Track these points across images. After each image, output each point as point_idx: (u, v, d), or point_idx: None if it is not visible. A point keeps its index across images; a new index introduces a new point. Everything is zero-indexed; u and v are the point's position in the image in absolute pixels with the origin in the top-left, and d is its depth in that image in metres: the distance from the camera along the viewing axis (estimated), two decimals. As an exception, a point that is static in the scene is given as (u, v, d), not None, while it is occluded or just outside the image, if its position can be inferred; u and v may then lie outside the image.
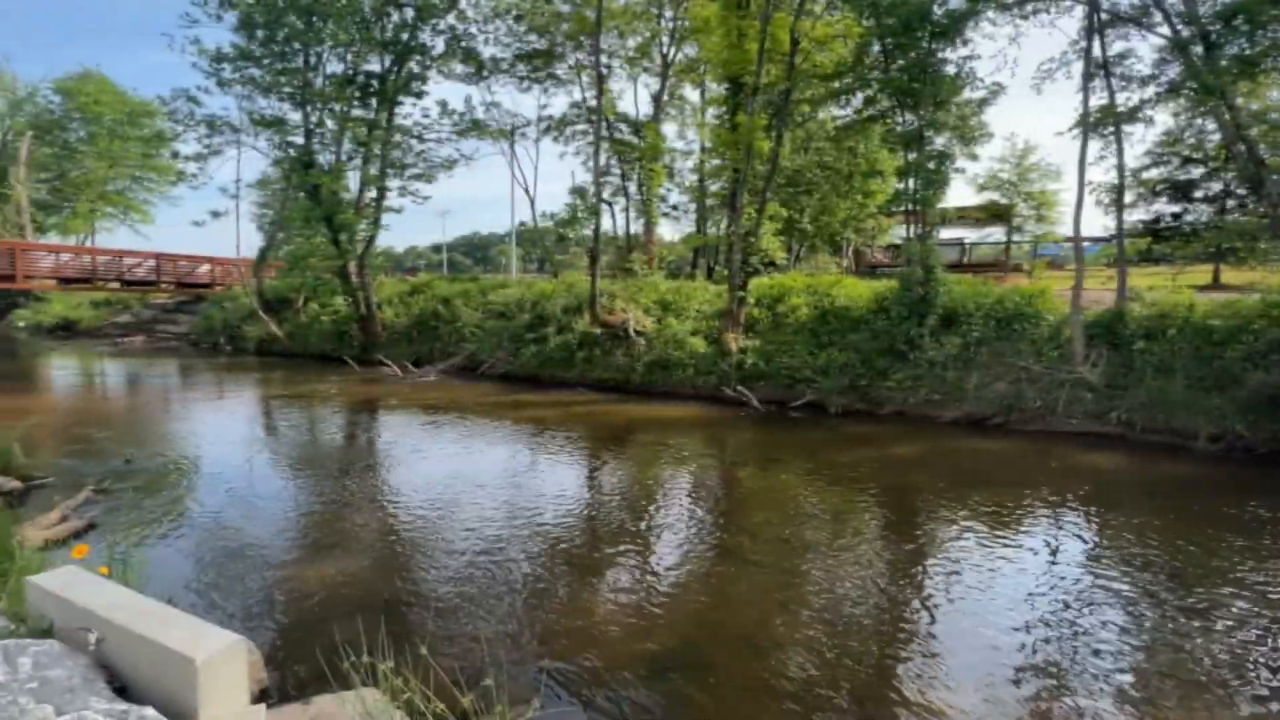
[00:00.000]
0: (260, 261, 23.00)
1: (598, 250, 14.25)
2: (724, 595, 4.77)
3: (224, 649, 2.03)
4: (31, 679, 1.90)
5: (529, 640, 4.03)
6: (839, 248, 22.37)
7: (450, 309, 17.85)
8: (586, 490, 7.52)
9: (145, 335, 25.39)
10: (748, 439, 10.22)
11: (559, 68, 22.06)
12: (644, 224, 22.14)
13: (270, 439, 10.20)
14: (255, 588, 4.80)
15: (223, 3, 16.97)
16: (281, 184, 23.17)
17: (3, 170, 31.99)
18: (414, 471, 8.02)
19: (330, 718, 3.00)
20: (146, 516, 6.15)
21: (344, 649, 2.82)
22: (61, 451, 8.50)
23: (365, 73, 18.08)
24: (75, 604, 2.26)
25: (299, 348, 19.86)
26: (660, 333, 13.88)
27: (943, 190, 11.71)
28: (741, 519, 6.51)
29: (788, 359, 12.40)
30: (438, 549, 5.52)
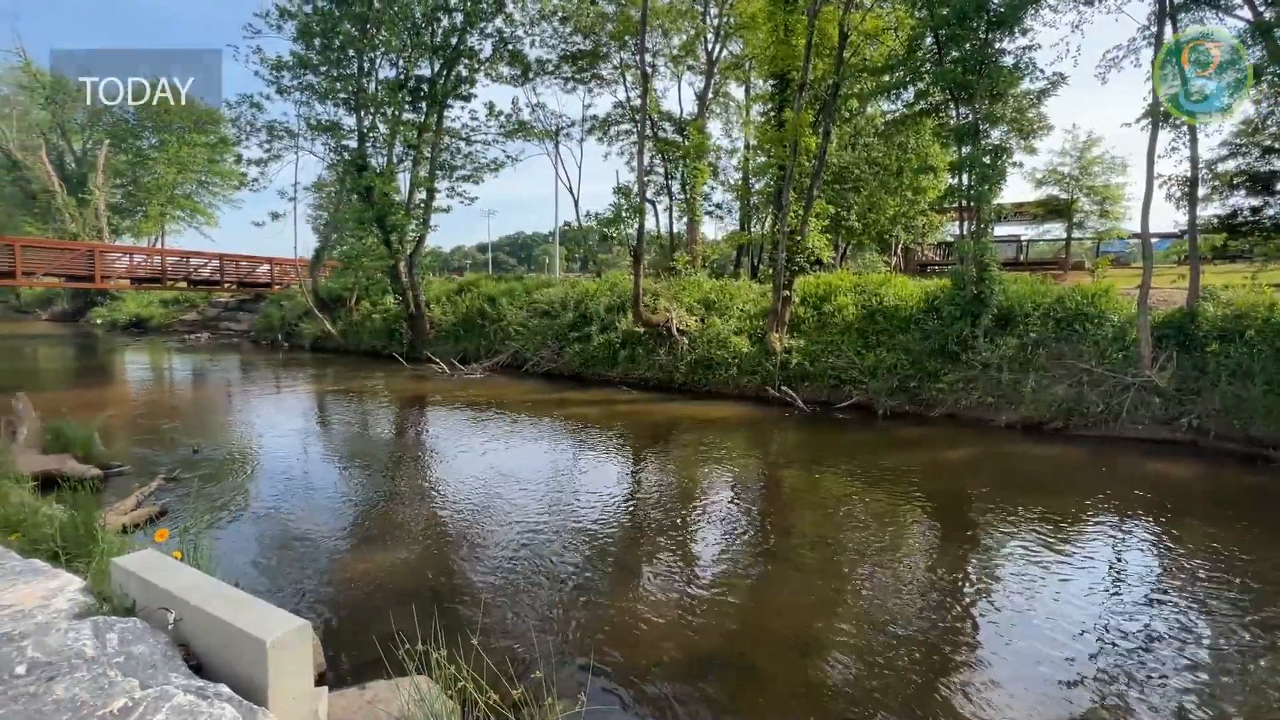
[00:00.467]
0: (316, 262, 23.91)
1: (641, 249, 14.25)
2: (766, 597, 4.71)
3: (291, 632, 2.11)
4: (118, 654, 2.02)
5: (573, 635, 4.06)
6: (887, 246, 21.77)
7: (496, 308, 18.18)
8: (628, 488, 7.53)
9: (210, 332, 26.75)
10: (792, 440, 10.05)
11: (603, 68, 22.18)
12: (687, 223, 22.07)
13: (324, 432, 10.59)
14: (311, 574, 4.98)
15: (283, 13, 17.69)
16: (335, 187, 24.05)
17: (83, 177, 34.19)
18: (459, 466, 8.18)
19: (386, 703, 3.08)
20: (212, 504, 6.46)
21: (399, 636, 2.90)
22: (135, 441, 9.01)
23: (416, 77, 18.58)
24: (156, 585, 2.39)
25: (351, 344, 20.57)
26: (703, 332, 13.80)
27: (999, 186, 11.25)
28: (784, 520, 6.41)
29: (834, 359, 12.16)
30: (483, 542, 5.62)
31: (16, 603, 2.35)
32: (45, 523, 4.32)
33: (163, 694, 1.81)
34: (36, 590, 2.46)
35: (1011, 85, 11.04)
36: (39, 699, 1.76)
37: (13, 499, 4.84)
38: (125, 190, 36.72)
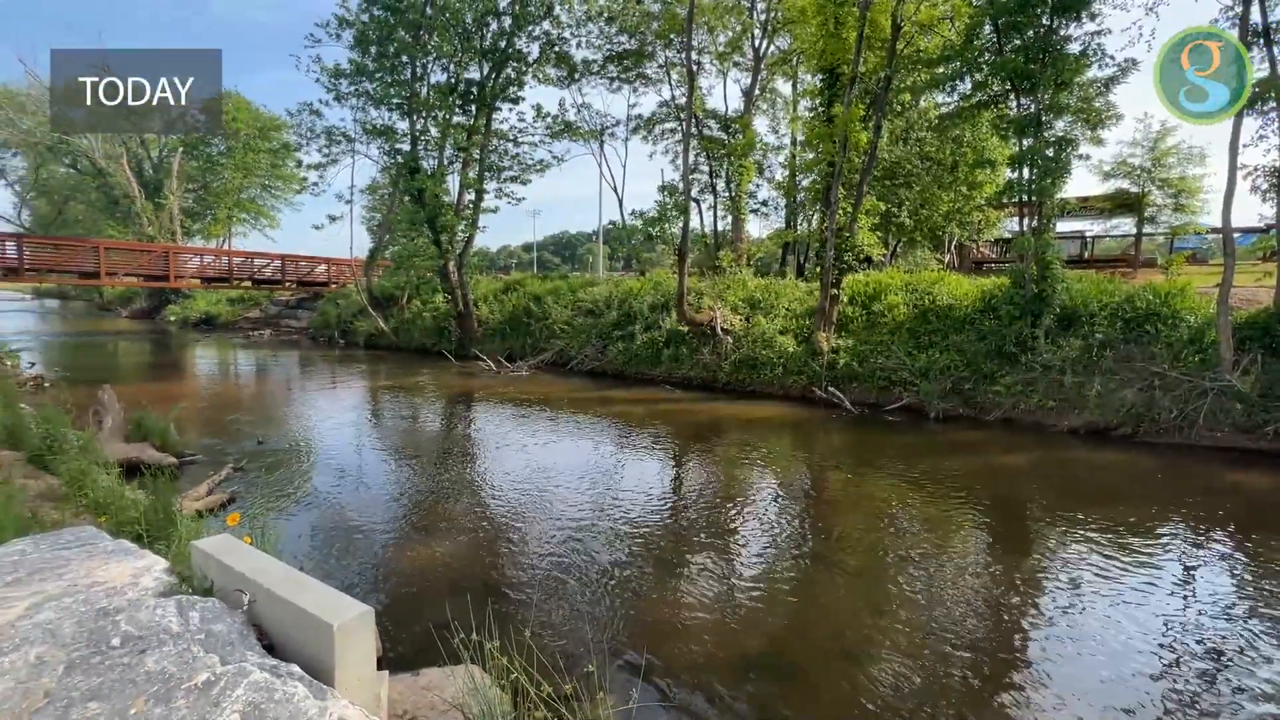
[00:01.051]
0: (370, 261, 24.77)
1: (685, 248, 14.22)
2: (812, 600, 4.63)
3: (356, 617, 2.19)
4: (200, 631, 2.14)
5: (619, 631, 4.09)
6: (940, 243, 21.05)
7: (541, 306, 18.46)
8: (671, 487, 7.53)
9: (271, 329, 28.07)
10: (839, 442, 9.85)
11: (648, 67, 22.22)
12: (732, 221, 21.87)
13: (376, 426, 10.97)
14: (365, 562, 5.18)
15: (342, 23, 18.40)
16: (388, 189, 24.86)
17: (159, 183, 36.35)
18: (505, 462, 8.33)
19: (439, 689, 3.17)
20: (275, 493, 6.79)
21: (454, 626, 2.98)
22: (204, 432, 9.53)
23: (466, 81, 19.03)
24: (231, 567, 2.52)
25: (403, 342, 21.24)
26: (748, 331, 13.67)
27: (1063, 179, 10.72)
28: (831, 524, 6.29)
29: (883, 360, 11.86)
30: (529, 536, 5.72)
31: (109, 580, 2.52)
32: (130, 506, 4.63)
33: (241, 670, 1.91)
34: (126, 569, 2.63)
35: (1078, 73, 10.50)
36: (132, 669, 1.89)
37: (101, 484, 5.20)
38: (196, 195, 38.87)
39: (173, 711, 1.74)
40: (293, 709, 1.78)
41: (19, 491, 4.63)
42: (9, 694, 1.74)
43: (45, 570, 2.61)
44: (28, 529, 3.71)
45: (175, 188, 35.29)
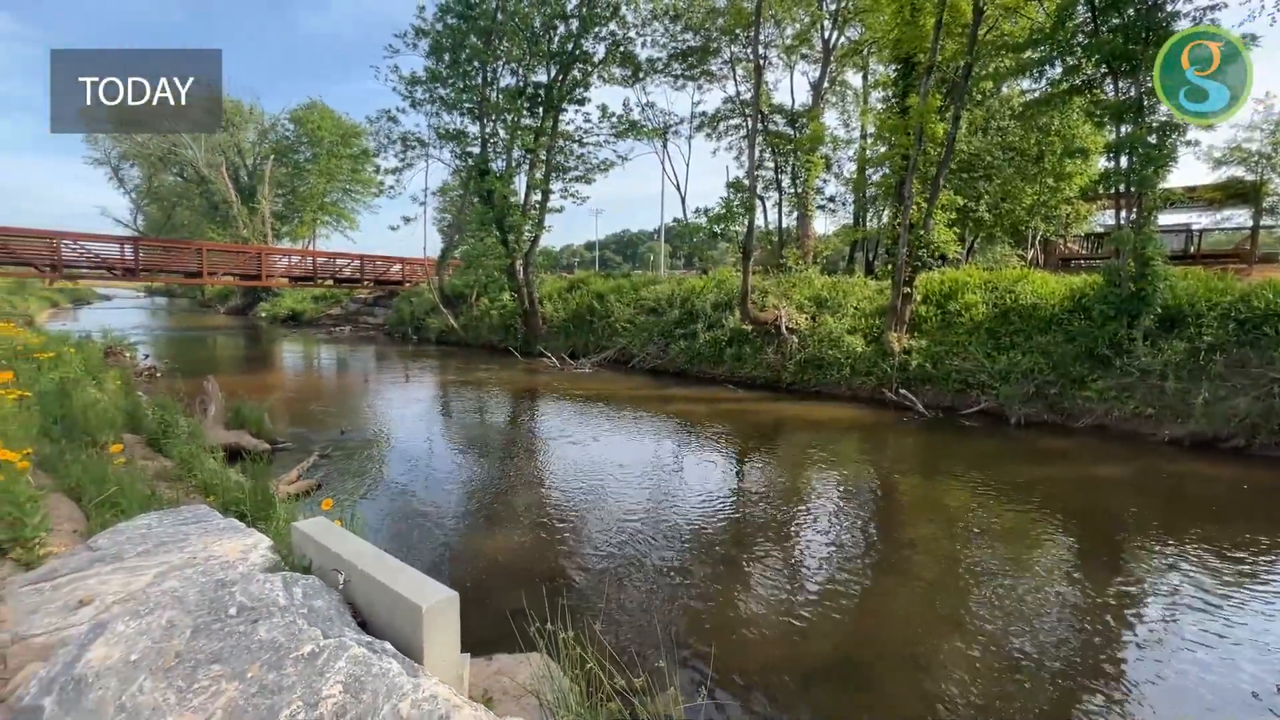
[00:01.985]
0: (441, 261, 25.78)
1: (750, 245, 14.03)
2: (881, 608, 4.49)
3: (443, 600, 2.30)
4: (303, 606, 2.29)
5: (683, 630, 4.09)
6: (1022, 238, 19.84)
7: (604, 305, 18.68)
8: (732, 487, 7.46)
9: (350, 325, 29.68)
10: (910, 446, 9.48)
11: (713, 63, 22.06)
12: (798, 218, 21.41)
13: (446, 419, 11.40)
14: (437, 549, 5.40)
15: (418, 32, 19.20)
16: (459, 190, 25.76)
17: (253, 189, 39.15)
18: (567, 456, 8.48)
19: (511, 674, 3.27)
20: (357, 480, 7.19)
21: (530, 615, 3.06)
22: (292, 421, 10.19)
23: (534, 84, 19.47)
24: (328, 548, 2.69)
25: (471, 338, 21.99)
26: (814, 330, 13.36)
27: (1166, 168, 9.88)
28: (901, 531, 6.06)
29: (960, 361, 11.32)
30: (591, 531, 5.80)
31: (223, 554, 2.75)
32: (233, 488, 5.01)
33: (341, 644, 2.04)
34: (237, 545, 2.86)
35: (1186, 52, 9.64)
36: (247, 637, 2.05)
37: (207, 466, 5.65)
38: (285, 199, 41.58)
39: (284, 678, 1.88)
40: (389, 684, 1.89)
41: (140, 471, 5.10)
42: (148, 652, 1.93)
43: (169, 543, 2.86)
44: (149, 505, 4.09)
45: (267, 193, 37.90)
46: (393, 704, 1.80)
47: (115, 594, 2.40)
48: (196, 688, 1.83)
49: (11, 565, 2.81)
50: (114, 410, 6.39)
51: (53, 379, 6.83)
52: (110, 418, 6.07)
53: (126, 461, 5.03)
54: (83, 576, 2.54)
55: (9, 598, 2.44)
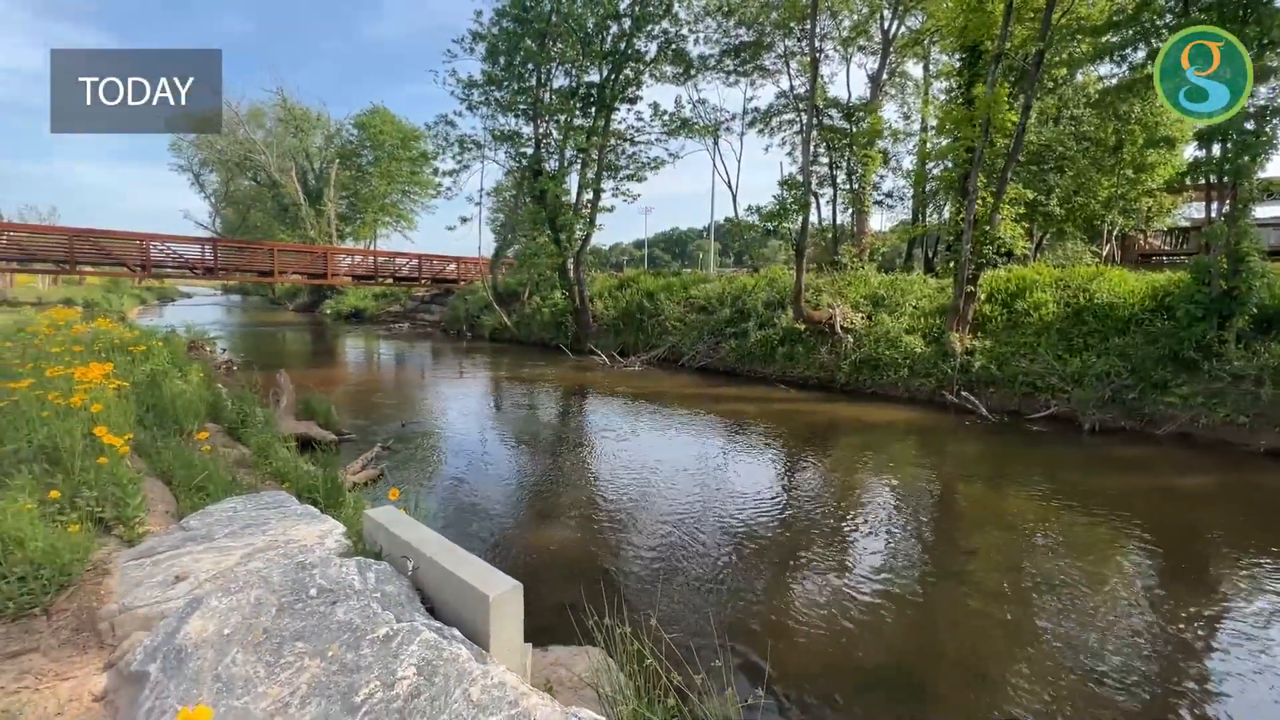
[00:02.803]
0: (495, 260, 26.37)
1: (804, 243, 13.77)
2: (940, 616, 4.33)
3: (508, 590, 2.35)
4: (376, 590, 2.39)
5: (736, 630, 4.05)
6: (1097, 233, 18.72)
7: (654, 303, 18.70)
8: (785, 488, 7.34)
9: (409, 322, 30.72)
10: (973, 451, 9.10)
11: (767, 58, 21.74)
12: (854, 214, 20.87)
13: (499, 414, 11.65)
14: (492, 540, 5.53)
15: (476, 37, 19.67)
16: (512, 191, 26.28)
17: (320, 191, 41.02)
18: (618, 454, 8.52)
19: (567, 666, 3.32)
20: (417, 471, 7.44)
21: (588, 609, 3.10)
22: (355, 413, 10.62)
23: (586, 84, 19.65)
24: (398, 536, 2.79)
25: (523, 335, 22.41)
26: (870, 330, 13.00)
27: (1265, 156, 9.13)
28: (961, 538, 5.83)
29: (1027, 363, 10.79)
30: (641, 529, 5.82)
31: (301, 538, 2.89)
32: (305, 476, 5.27)
33: (413, 629, 2.11)
34: (313, 530, 3.00)
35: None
36: (327, 617, 2.15)
37: (281, 455, 5.96)
38: (349, 201, 43.39)
39: (361, 658, 1.96)
40: (459, 669, 1.94)
41: (222, 458, 5.43)
42: (239, 627, 2.05)
43: (252, 526, 3.04)
44: (231, 490, 4.34)
45: (333, 195, 39.64)
46: (464, 688, 1.86)
47: (207, 572, 2.57)
48: (283, 663, 1.93)
49: (116, 541, 3.04)
50: (198, 401, 6.81)
51: (145, 371, 7.35)
52: (195, 407, 6.48)
53: (210, 449, 5.36)
54: (178, 554, 2.73)
55: (115, 571, 2.64)
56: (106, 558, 2.79)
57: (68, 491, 3.23)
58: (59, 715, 1.87)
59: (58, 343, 7.40)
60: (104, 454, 3.50)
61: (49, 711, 1.87)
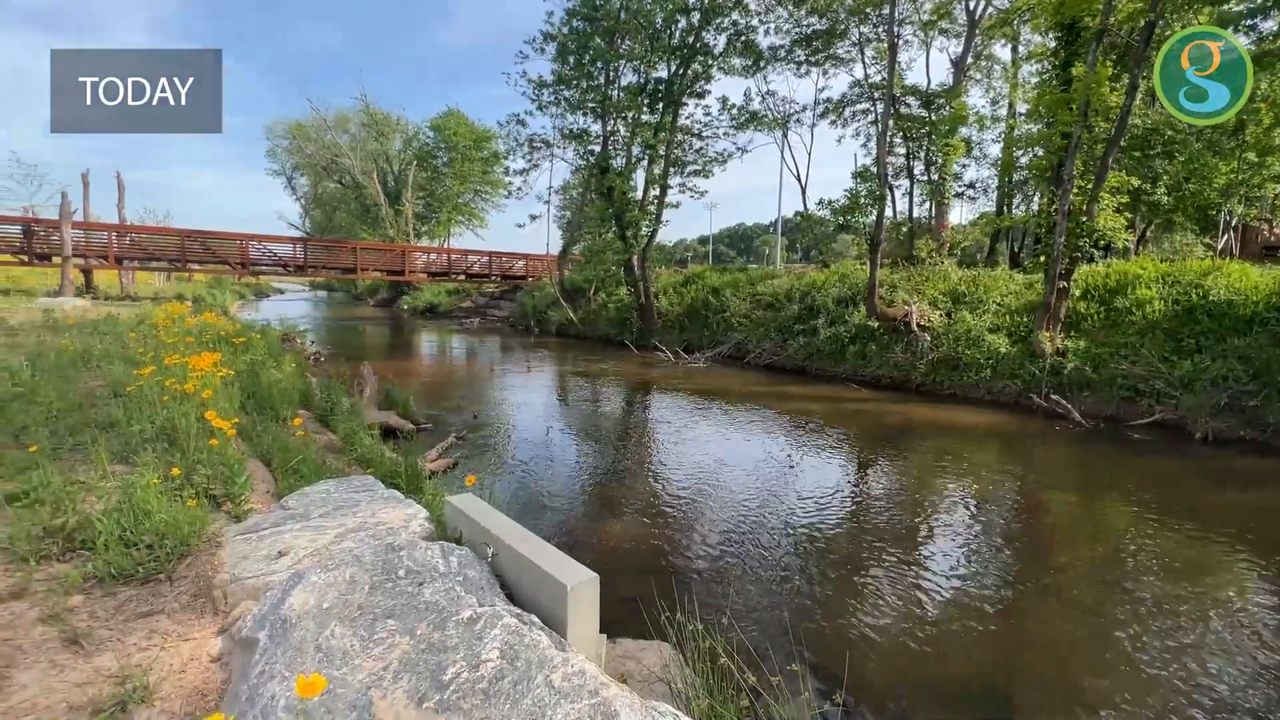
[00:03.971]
0: (562, 257, 26.85)
1: (879, 237, 13.23)
2: (1027, 632, 4.05)
3: (586, 581, 2.37)
4: (458, 574, 2.47)
5: (807, 634, 3.94)
6: (1212, 224, 17.03)
7: (720, 299, 18.51)
8: (856, 491, 7.08)
9: (479, 317, 31.77)
10: (1063, 458, 8.50)
11: (840, 46, 21.02)
12: (933, 206, 19.90)
13: (563, 408, 11.84)
14: (559, 531, 5.61)
15: (546, 37, 20.04)
16: (579, 189, 26.65)
17: (399, 192, 43.02)
18: (682, 451, 8.46)
19: (636, 659, 3.32)
20: (488, 461, 7.67)
21: (660, 604, 3.10)
22: (430, 404, 11.06)
23: (654, 80, 19.65)
24: (478, 523, 2.88)
25: (589, 331, 22.72)
26: (949, 328, 12.36)
27: None
28: (1050, 551, 5.44)
29: (1128, 366, 9.96)
30: (706, 527, 5.75)
31: (389, 521, 3.03)
32: (387, 463, 5.54)
33: (495, 613, 2.17)
34: (399, 514, 3.15)
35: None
36: (414, 598, 2.24)
37: (365, 442, 6.30)
38: (425, 201, 45.33)
39: (447, 638, 2.03)
40: (540, 655, 1.98)
41: (313, 442, 5.79)
42: (336, 602, 2.17)
43: (344, 508, 3.21)
44: (321, 473, 4.62)
45: (410, 196, 41.49)
46: (545, 674, 1.89)
47: (305, 548, 2.73)
48: (376, 638, 2.02)
49: (225, 517, 3.29)
50: (292, 389, 7.30)
51: (245, 361, 7.93)
52: (289, 395, 6.94)
53: (304, 434, 5.72)
54: (279, 531, 2.92)
55: (226, 544, 2.85)
56: (218, 531, 3.02)
57: (184, 469, 3.53)
58: (182, 672, 2.03)
59: (173, 334, 8.11)
60: (214, 436, 3.79)
61: (174, 669, 2.04)
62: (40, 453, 3.54)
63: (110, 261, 20.89)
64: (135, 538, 2.68)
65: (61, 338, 8.59)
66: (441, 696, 1.79)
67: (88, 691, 1.89)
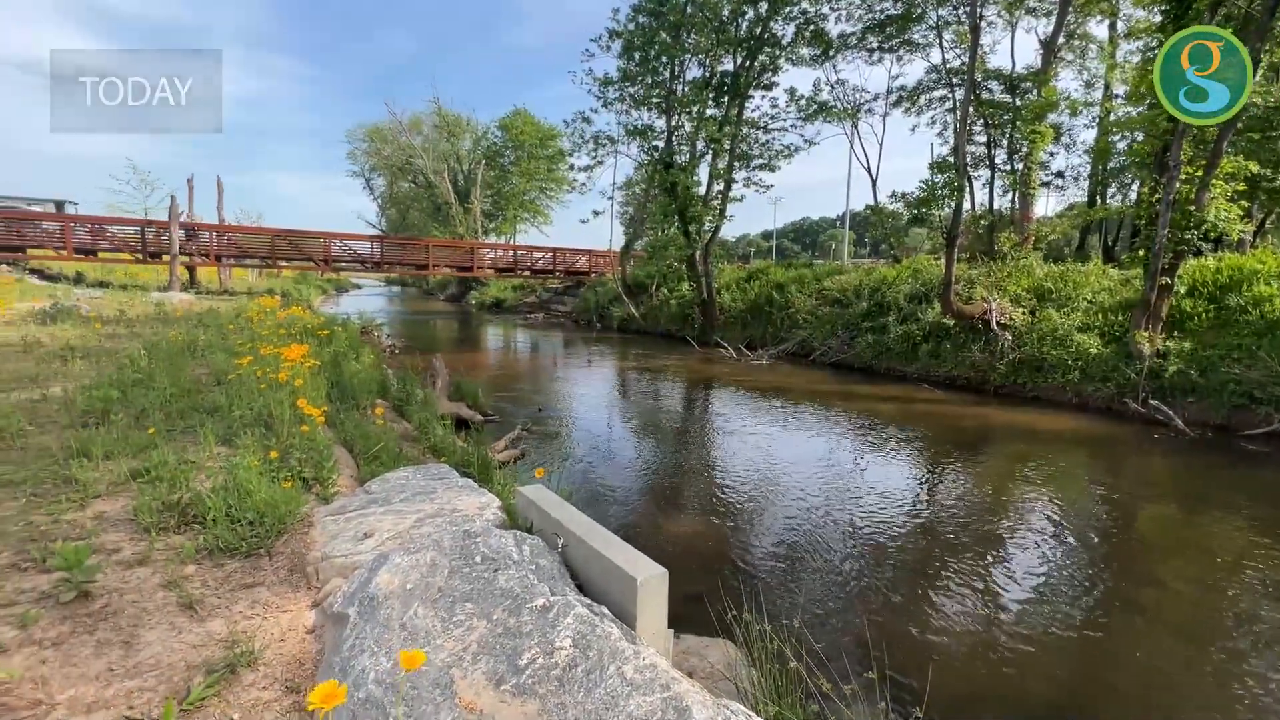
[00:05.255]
0: (624, 252, 27.02)
1: (956, 231, 12.58)
2: (1120, 652, 3.77)
3: (655, 576, 2.38)
4: (531, 562, 2.54)
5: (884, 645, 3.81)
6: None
7: (784, 295, 18.14)
8: (925, 494, 6.78)
9: (543, 312, 32.44)
10: (1163, 469, 7.85)
11: (916, 31, 20.07)
12: (1016, 197, 18.74)
13: (624, 403, 11.92)
14: (622, 525, 5.66)
15: (612, 34, 20.17)
16: (642, 185, 26.71)
17: (468, 191, 44.48)
18: (744, 449, 8.34)
19: (700, 656, 3.31)
20: (551, 453, 7.83)
21: (726, 601, 3.07)
22: (496, 396, 11.39)
23: (720, 73, 19.41)
24: (548, 513, 2.94)
25: (650, 327, 22.79)
26: (1033, 327, 11.64)
27: None
28: (1145, 568, 5.03)
29: (1242, 369, 9.07)
30: (769, 527, 5.66)
31: (464, 509, 3.15)
32: (460, 452, 5.76)
33: (567, 603, 2.21)
34: (473, 502, 3.26)
35: None
36: (490, 583, 2.31)
37: (438, 432, 6.56)
38: (493, 199, 46.67)
39: (522, 624, 2.09)
40: (611, 646, 2.00)
41: (390, 431, 6.08)
42: (418, 584, 2.27)
43: (422, 494, 3.35)
44: (399, 460, 4.84)
45: (479, 194, 42.84)
46: (617, 665, 1.91)
47: (388, 531, 2.87)
48: (455, 620, 2.11)
49: (314, 499, 3.51)
50: (371, 380, 7.68)
51: (329, 352, 8.42)
52: (369, 385, 7.30)
53: (384, 423, 6.02)
54: (364, 514, 3.08)
55: (316, 524, 3.04)
56: (309, 512, 3.23)
57: (281, 453, 3.78)
58: (282, 641, 2.18)
59: (266, 327, 8.70)
60: (305, 423, 4.04)
61: (274, 637, 2.20)
62: (158, 434, 3.89)
63: (211, 259, 22.66)
64: (239, 514, 2.90)
65: (170, 329, 9.40)
66: (518, 680, 1.84)
67: (202, 653, 2.06)
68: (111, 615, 2.23)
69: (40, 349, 7.40)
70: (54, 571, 2.36)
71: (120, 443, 3.81)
